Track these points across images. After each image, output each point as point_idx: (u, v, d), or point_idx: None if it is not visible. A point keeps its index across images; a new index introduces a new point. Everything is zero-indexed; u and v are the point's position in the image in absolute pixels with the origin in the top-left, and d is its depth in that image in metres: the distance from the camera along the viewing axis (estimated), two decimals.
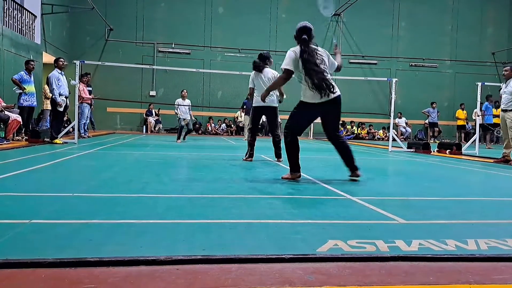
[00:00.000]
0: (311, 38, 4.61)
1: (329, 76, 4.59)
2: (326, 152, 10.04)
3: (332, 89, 4.49)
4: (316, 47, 4.64)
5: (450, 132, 21.06)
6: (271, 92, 6.55)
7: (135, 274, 1.73)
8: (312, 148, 11.81)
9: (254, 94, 6.83)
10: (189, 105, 12.45)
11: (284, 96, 6.82)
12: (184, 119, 12.29)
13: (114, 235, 2.27)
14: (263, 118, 7.70)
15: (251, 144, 6.89)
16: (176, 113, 12.57)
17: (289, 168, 4.71)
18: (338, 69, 4.90)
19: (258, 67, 6.78)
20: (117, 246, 2.06)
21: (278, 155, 6.88)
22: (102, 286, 1.60)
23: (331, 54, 4.83)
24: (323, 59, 4.60)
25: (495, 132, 15.98)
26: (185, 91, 12.67)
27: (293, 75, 4.62)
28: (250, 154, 6.86)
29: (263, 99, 5.20)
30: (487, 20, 22.09)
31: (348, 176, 4.80)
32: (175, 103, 12.49)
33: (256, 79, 6.79)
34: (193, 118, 13.10)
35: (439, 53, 21.73)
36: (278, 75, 6.61)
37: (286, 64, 4.52)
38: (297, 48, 4.57)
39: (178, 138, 12.41)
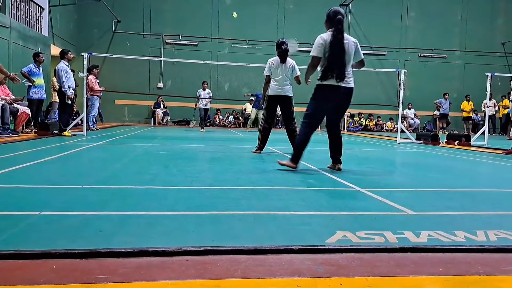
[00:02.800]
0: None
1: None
2: None
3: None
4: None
5: (459, 124, 20.91)
6: (287, 82, 6.55)
7: (145, 265, 1.74)
8: (320, 140, 11.78)
9: (271, 83, 6.55)
10: (209, 94, 14.43)
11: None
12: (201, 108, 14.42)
13: (124, 226, 2.28)
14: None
15: (264, 136, 6.63)
16: (196, 106, 14.90)
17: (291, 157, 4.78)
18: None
19: (286, 57, 6.56)
20: (127, 237, 2.08)
21: None
22: (112, 277, 1.61)
23: None
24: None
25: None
26: (206, 82, 14.81)
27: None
28: (260, 147, 6.67)
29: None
30: (497, 10, 21.79)
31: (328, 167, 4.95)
32: (197, 94, 14.52)
33: (276, 67, 6.52)
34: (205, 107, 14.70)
35: (449, 43, 21.50)
36: (295, 65, 6.64)
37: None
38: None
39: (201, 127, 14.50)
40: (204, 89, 14.41)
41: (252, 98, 17.41)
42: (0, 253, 1.78)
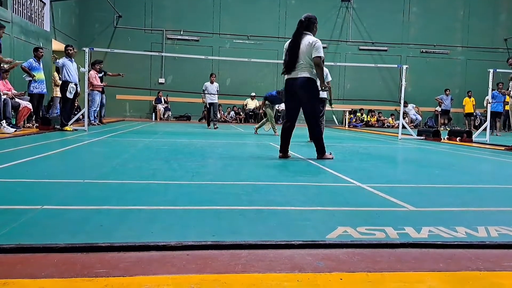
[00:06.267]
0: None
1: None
2: (336, 140, 10.02)
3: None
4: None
5: (461, 120, 20.86)
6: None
7: (146, 259, 1.74)
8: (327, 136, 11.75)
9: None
10: (216, 88, 13.23)
11: None
12: (209, 103, 13.22)
13: (125, 220, 2.28)
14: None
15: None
16: (203, 100, 13.79)
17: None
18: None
19: None
20: (128, 231, 2.08)
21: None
22: (113, 271, 1.61)
23: None
24: None
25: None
26: (214, 75, 13.56)
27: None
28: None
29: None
30: (499, 6, 21.70)
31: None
32: (203, 87, 13.30)
33: None
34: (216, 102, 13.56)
35: (451, 39, 21.42)
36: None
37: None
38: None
39: (208, 124, 13.39)
40: (212, 82, 13.21)
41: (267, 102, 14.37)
42: (2, 247, 1.79)
